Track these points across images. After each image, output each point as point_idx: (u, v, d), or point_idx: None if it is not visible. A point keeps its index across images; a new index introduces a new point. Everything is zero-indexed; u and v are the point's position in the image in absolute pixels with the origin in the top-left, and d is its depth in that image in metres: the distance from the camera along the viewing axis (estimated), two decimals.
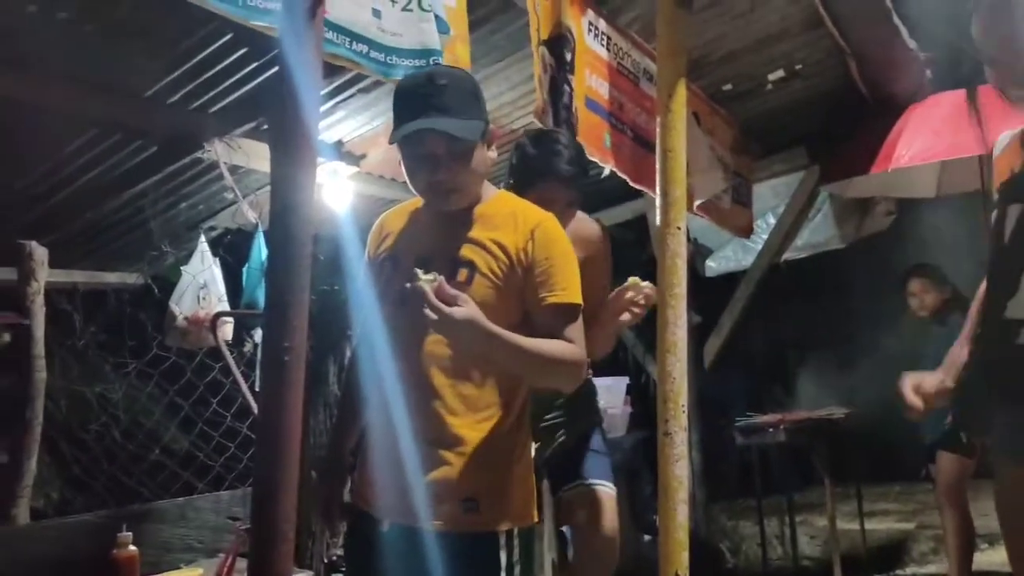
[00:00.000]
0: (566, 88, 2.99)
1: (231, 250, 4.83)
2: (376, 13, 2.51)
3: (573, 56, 3.07)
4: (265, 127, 3.92)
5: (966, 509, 4.19)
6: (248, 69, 3.42)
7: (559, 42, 2.99)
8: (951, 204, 5.49)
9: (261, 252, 4.34)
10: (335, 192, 4.34)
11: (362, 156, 4.52)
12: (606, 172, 3.54)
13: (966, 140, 4.25)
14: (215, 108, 3.78)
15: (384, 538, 1.87)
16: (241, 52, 3.25)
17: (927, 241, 5.49)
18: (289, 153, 1.51)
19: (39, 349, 4.18)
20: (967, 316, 2.36)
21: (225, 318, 4.34)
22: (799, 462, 5.86)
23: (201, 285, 4.61)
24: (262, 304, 3.10)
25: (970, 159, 4.53)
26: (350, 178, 4.49)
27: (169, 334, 4.67)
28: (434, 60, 2.60)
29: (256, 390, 3.50)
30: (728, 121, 4.86)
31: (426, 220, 1.99)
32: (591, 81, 3.29)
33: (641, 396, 5.62)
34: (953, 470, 4.15)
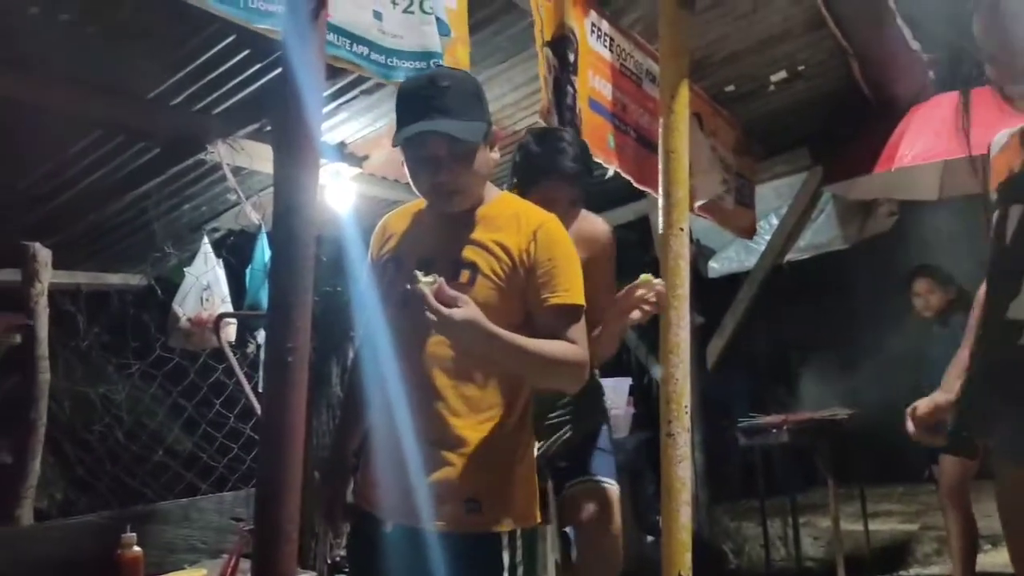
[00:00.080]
0: (569, 89, 2.99)
1: (234, 251, 4.83)
2: (377, 15, 2.50)
3: (576, 57, 3.06)
4: (268, 129, 3.93)
5: (969, 510, 4.20)
6: (251, 71, 3.42)
7: (562, 43, 2.99)
8: (953, 205, 5.49)
9: (264, 253, 4.34)
10: (338, 193, 4.34)
11: (365, 157, 4.52)
12: (610, 173, 3.54)
13: (978, 137, 4.21)
14: (218, 110, 3.78)
15: (387, 539, 1.88)
16: (244, 54, 3.25)
17: (929, 242, 5.48)
18: (292, 154, 1.52)
19: (43, 350, 4.19)
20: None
21: (228, 319, 4.34)
22: (802, 463, 5.86)
23: (204, 286, 4.61)
24: (265, 305, 3.10)
25: (976, 161, 4.51)
26: (353, 179, 4.49)
27: (172, 335, 4.67)
28: (435, 62, 2.59)
29: (259, 391, 3.50)
30: (731, 122, 4.86)
31: (429, 221, 1.99)
32: (594, 82, 3.30)
33: (644, 397, 5.61)
34: (956, 472, 4.16)
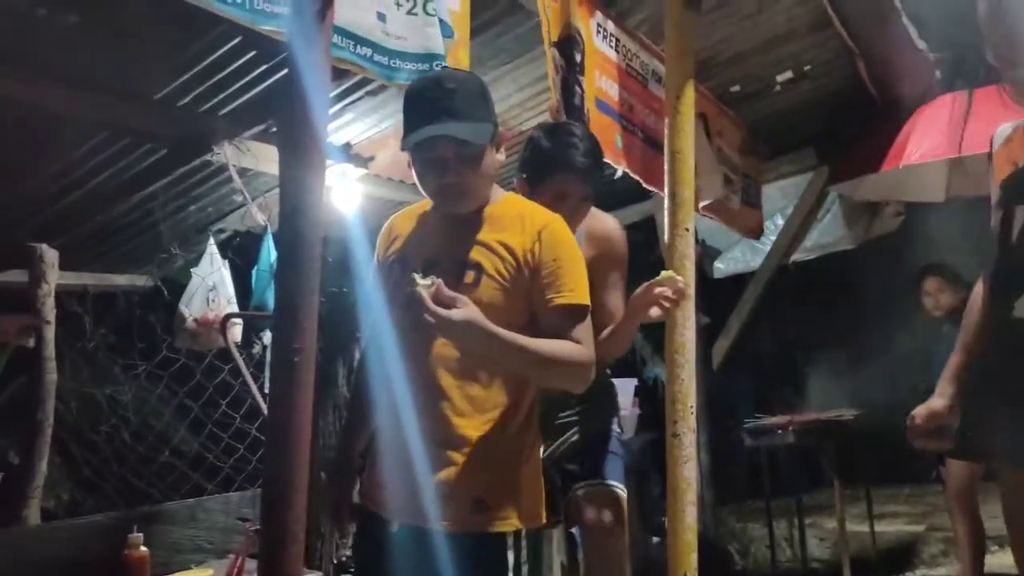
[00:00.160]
0: (577, 89, 3.00)
1: (240, 252, 4.84)
2: (381, 17, 2.51)
3: (583, 57, 3.06)
4: (274, 130, 3.93)
5: (977, 513, 4.17)
6: (257, 72, 3.42)
7: (568, 43, 2.99)
8: (959, 205, 5.47)
9: (270, 254, 4.34)
10: (344, 194, 4.34)
11: (370, 158, 4.52)
12: (618, 174, 3.54)
13: (976, 138, 4.20)
14: (224, 111, 3.78)
15: (392, 539, 1.88)
16: (250, 55, 3.26)
17: (936, 242, 5.46)
18: (298, 155, 1.52)
19: (50, 351, 4.20)
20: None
21: (234, 320, 4.34)
22: (808, 464, 5.86)
23: (210, 287, 4.62)
24: (271, 306, 3.10)
25: (980, 162, 4.50)
26: (359, 180, 4.49)
27: (178, 336, 4.68)
28: (437, 64, 2.59)
29: (265, 391, 3.51)
30: (736, 122, 4.86)
31: (434, 222, 2.00)
32: (601, 82, 3.29)
33: (649, 398, 5.61)
34: (963, 475, 4.13)
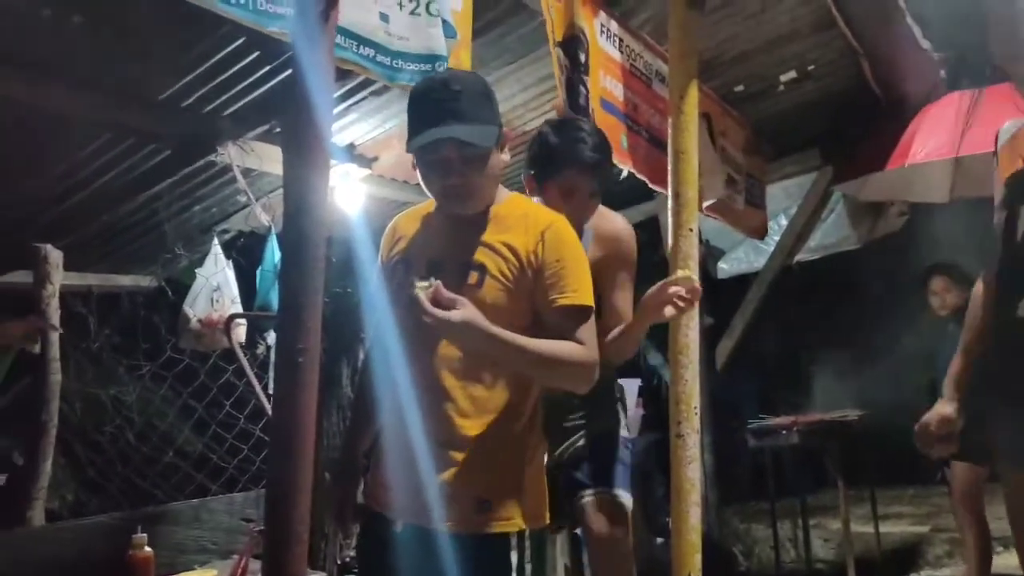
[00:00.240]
0: (582, 89, 2.99)
1: (244, 253, 4.84)
2: (384, 17, 2.51)
3: (587, 57, 3.06)
4: (278, 130, 3.93)
5: (983, 515, 4.13)
6: (261, 73, 3.42)
7: (573, 43, 2.99)
8: (963, 206, 5.46)
9: (274, 254, 4.35)
10: (347, 194, 4.34)
11: (374, 158, 4.52)
12: (624, 174, 3.54)
13: (982, 137, 4.18)
14: (228, 112, 3.79)
15: (396, 539, 1.88)
16: (254, 56, 3.26)
17: (940, 242, 5.45)
18: (302, 156, 1.52)
19: (54, 352, 4.21)
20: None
21: (239, 320, 4.35)
22: (812, 464, 5.84)
23: (215, 287, 4.62)
24: (275, 306, 3.10)
25: (984, 163, 4.49)
26: (362, 180, 4.50)
27: (183, 336, 4.69)
28: (440, 65, 2.59)
29: (269, 392, 3.51)
30: (740, 122, 4.85)
31: (438, 223, 1.99)
32: (605, 82, 3.29)
33: (653, 398, 5.60)
34: (968, 477, 4.09)
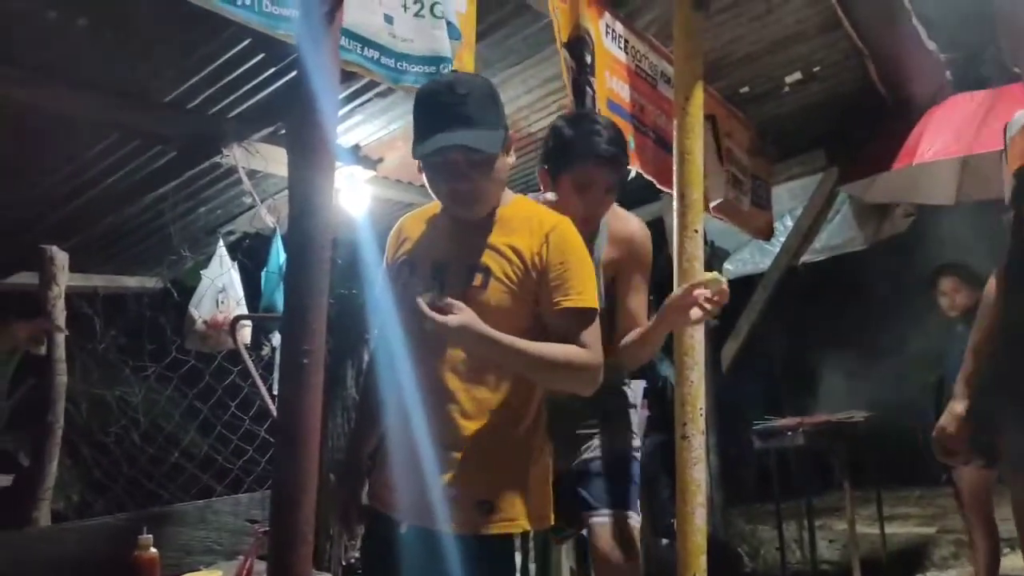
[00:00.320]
0: (588, 90, 2.99)
1: (249, 254, 4.85)
2: (388, 19, 2.50)
3: (593, 59, 3.06)
4: (283, 132, 3.94)
5: (991, 517, 4.08)
6: (266, 74, 3.43)
7: (578, 45, 2.99)
8: (970, 207, 5.45)
9: (279, 256, 4.36)
10: (352, 196, 4.35)
11: (379, 160, 4.53)
12: (632, 175, 3.53)
13: (990, 136, 4.14)
14: (233, 113, 3.79)
15: (401, 540, 1.88)
16: (259, 57, 3.27)
17: (946, 243, 5.44)
18: (307, 157, 1.52)
19: (60, 353, 4.22)
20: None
21: (244, 321, 4.35)
22: (818, 466, 5.84)
23: (220, 289, 4.63)
24: (280, 308, 3.10)
25: (991, 164, 4.47)
26: (367, 182, 4.50)
27: (188, 337, 4.70)
28: (444, 66, 2.58)
29: (274, 393, 3.51)
30: (745, 124, 4.84)
31: (444, 225, 1.99)
32: (611, 83, 3.28)
33: (658, 399, 5.59)
34: (975, 479, 4.05)
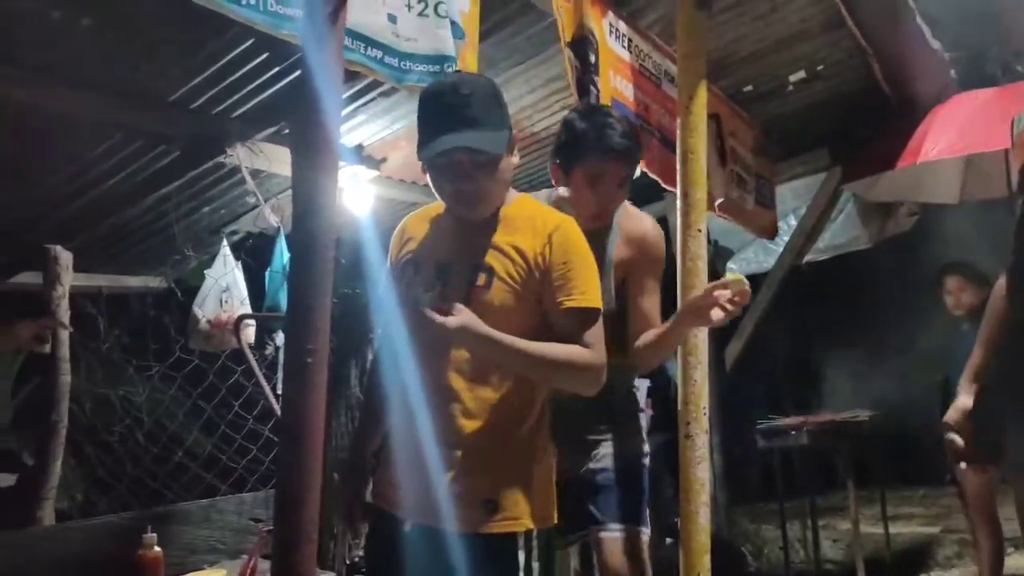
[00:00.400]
0: (593, 90, 2.99)
1: (253, 254, 4.86)
2: (392, 18, 2.50)
3: (597, 58, 3.06)
4: (287, 131, 3.94)
5: (996, 517, 4.07)
6: (270, 74, 3.43)
7: (582, 44, 2.98)
8: (974, 206, 5.44)
9: (283, 255, 4.36)
10: (356, 196, 4.35)
11: (383, 160, 4.52)
12: (636, 174, 3.52)
13: (995, 135, 4.13)
14: (237, 113, 3.79)
15: (405, 538, 1.88)
16: (263, 57, 3.27)
17: (951, 242, 5.43)
18: (310, 157, 1.52)
19: (64, 352, 4.23)
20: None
21: (248, 320, 4.36)
22: (822, 465, 5.83)
23: (223, 288, 4.64)
24: (284, 307, 3.09)
25: (995, 163, 4.46)
26: (371, 182, 4.50)
27: (192, 337, 4.70)
28: (448, 66, 2.58)
29: (278, 392, 3.51)
30: (749, 123, 4.83)
31: (448, 225, 1.99)
32: (616, 83, 3.28)
33: (662, 399, 5.58)
34: (979, 480, 4.03)
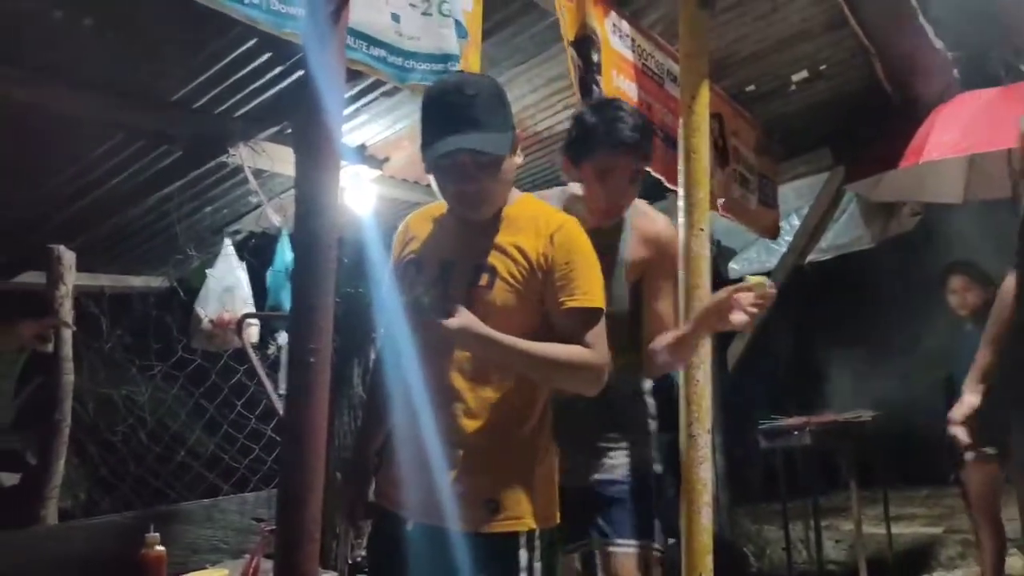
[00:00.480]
0: (596, 89, 2.99)
1: (256, 253, 4.85)
2: (395, 17, 2.50)
3: (600, 57, 3.06)
4: (289, 131, 3.94)
5: (998, 517, 4.07)
6: (272, 74, 3.43)
7: (585, 43, 2.98)
8: (977, 206, 5.43)
9: (285, 255, 4.36)
10: (358, 195, 4.34)
11: (385, 159, 4.52)
12: None
13: (998, 134, 4.10)
14: (240, 113, 3.79)
15: (407, 537, 1.89)
16: (265, 57, 3.26)
17: (953, 242, 5.42)
18: (313, 157, 1.52)
19: (67, 352, 4.23)
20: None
21: (250, 320, 4.35)
22: (825, 465, 5.82)
23: (226, 288, 4.63)
24: (287, 307, 3.10)
25: (999, 163, 4.45)
26: (373, 181, 4.50)
27: (194, 337, 4.70)
28: (452, 65, 2.58)
29: (281, 392, 3.51)
30: (751, 122, 4.83)
31: (450, 224, 2.00)
32: (618, 82, 3.28)
33: (664, 399, 5.58)
34: (982, 480, 4.03)
